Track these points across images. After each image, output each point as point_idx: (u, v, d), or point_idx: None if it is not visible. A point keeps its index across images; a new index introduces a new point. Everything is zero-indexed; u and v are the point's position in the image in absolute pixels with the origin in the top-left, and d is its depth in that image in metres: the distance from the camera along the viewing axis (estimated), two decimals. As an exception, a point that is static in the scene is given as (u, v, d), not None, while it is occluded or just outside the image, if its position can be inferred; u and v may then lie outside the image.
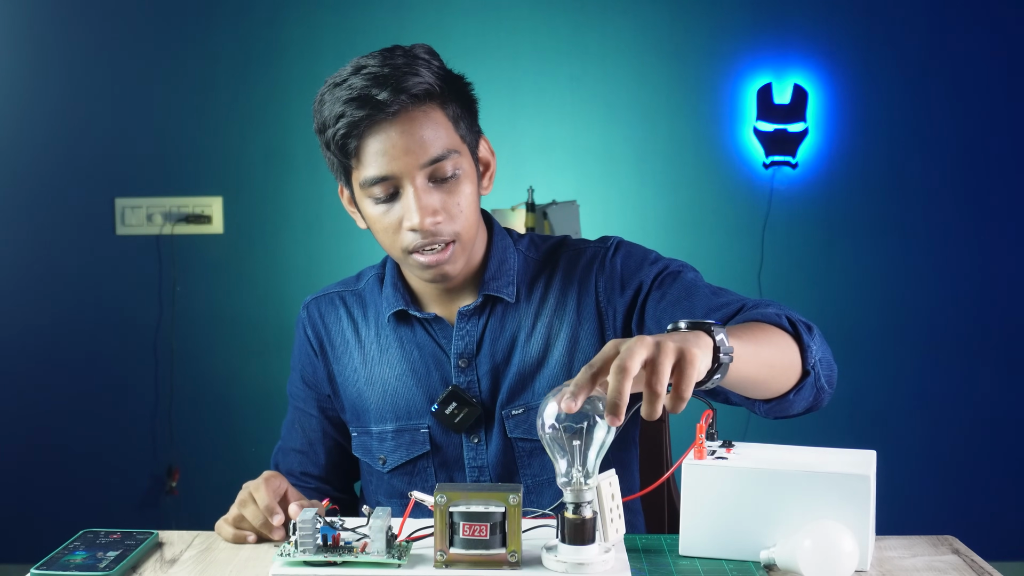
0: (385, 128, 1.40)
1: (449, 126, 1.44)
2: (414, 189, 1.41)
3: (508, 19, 3.39)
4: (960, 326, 3.45)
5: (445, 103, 1.44)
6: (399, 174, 1.41)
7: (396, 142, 1.40)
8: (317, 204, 3.41)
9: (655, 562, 1.23)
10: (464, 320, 1.52)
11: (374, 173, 1.42)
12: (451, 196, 1.43)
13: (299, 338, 1.64)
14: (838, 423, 3.41)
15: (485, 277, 1.52)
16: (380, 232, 1.46)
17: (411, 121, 1.41)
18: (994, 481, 3.46)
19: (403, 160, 1.40)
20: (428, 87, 1.42)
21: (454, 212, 1.43)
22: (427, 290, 1.53)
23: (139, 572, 1.24)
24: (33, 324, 3.41)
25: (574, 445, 1.12)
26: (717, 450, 1.27)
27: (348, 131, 1.41)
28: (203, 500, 3.40)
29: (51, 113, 3.40)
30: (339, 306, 1.61)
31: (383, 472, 1.55)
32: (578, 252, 1.55)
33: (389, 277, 1.57)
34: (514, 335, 1.52)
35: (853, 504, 1.18)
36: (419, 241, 1.42)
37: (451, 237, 1.44)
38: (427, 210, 1.41)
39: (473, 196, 1.47)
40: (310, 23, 3.39)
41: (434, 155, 1.41)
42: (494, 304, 1.52)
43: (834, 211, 3.43)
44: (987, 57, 3.40)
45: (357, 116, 1.40)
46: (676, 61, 3.42)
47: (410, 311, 1.53)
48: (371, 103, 1.39)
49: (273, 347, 3.41)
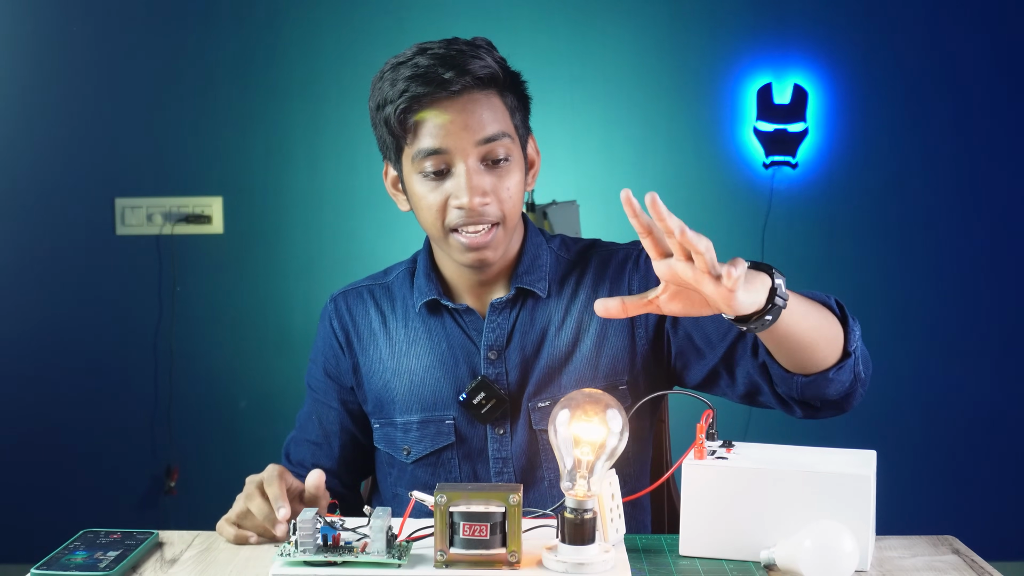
0: (445, 105, 1.44)
1: (506, 114, 1.48)
2: (466, 168, 1.44)
3: (508, 19, 3.39)
4: (960, 326, 3.45)
5: (504, 92, 1.49)
6: (453, 149, 1.44)
7: (455, 118, 1.44)
8: (317, 204, 3.41)
9: (655, 562, 1.23)
10: (496, 312, 1.54)
11: (428, 145, 1.45)
12: (501, 180, 1.46)
13: (324, 330, 1.65)
14: (838, 423, 3.39)
15: (518, 271, 1.55)
16: (424, 210, 1.49)
17: (472, 101, 1.45)
18: (994, 481, 3.46)
19: (459, 136, 1.44)
20: (492, 72, 1.46)
21: (503, 195, 1.46)
22: (461, 281, 1.55)
23: (139, 572, 1.24)
24: (33, 324, 3.41)
25: (584, 452, 1.12)
26: (717, 450, 1.27)
27: (409, 105, 1.44)
28: (203, 500, 3.39)
29: (51, 113, 3.40)
30: (367, 299, 1.63)
31: (406, 463, 1.55)
32: (610, 252, 1.59)
33: (422, 268, 1.59)
34: (544, 328, 1.54)
35: (853, 504, 1.18)
36: (464, 220, 1.45)
37: (496, 219, 1.47)
38: (477, 190, 1.44)
39: (521, 185, 1.50)
40: (310, 23, 3.39)
41: (490, 134, 1.45)
42: (526, 298, 1.55)
43: (834, 211, 3.43)
44: (987, 57, 3.40)
45: (420, 91, 1.43)
46: (676, 61, 3.42)
47: (443, 301, 1.54)
48: (436, 80, 1.43)
49: (273, 347, 3.41)
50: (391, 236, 3.31)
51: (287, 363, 3.39)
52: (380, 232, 3.36)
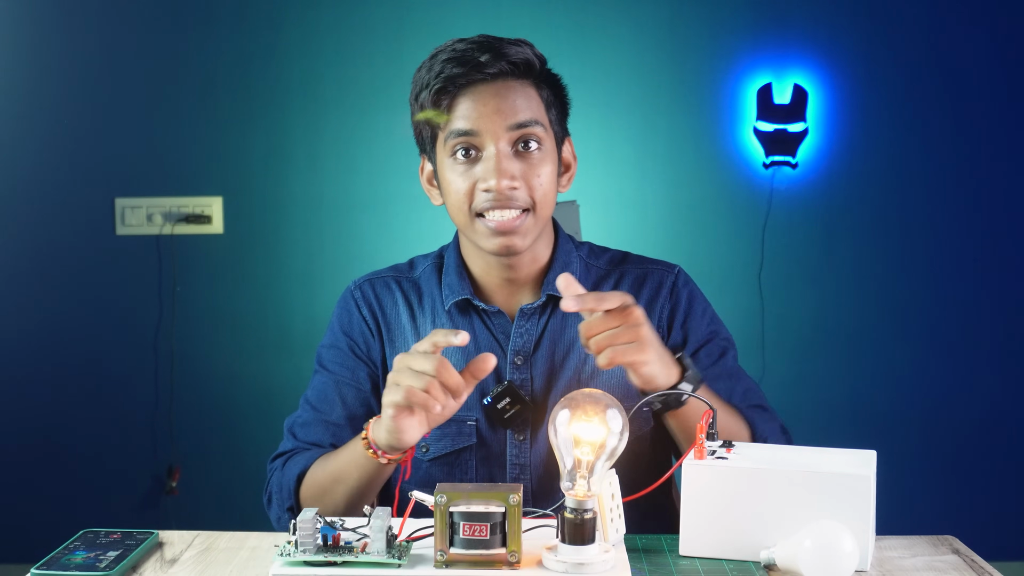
0: (480, 88, 1.46)
1: (540, 105, 1.49)
2: (496, 151, 1.44)
3: (508, 19, 3.39)
4: (960, 326, 3.45)
5: (540, 86, 1.51)
6: (484, 131, 1.45)
7: (488, 101, 1.45)
8: (317, 204, 3.41)
9: (655, 562, 1.23)
10: (524, 318, 1.54)
11: (461, 127, 1.45)
12: (532, 167, 1.46)
13: (349, 315, 1.60)
14: (838, 423, 3.41)
15: (548, 277, 1.54)
16: (453, 195, 1.48)
17: (506, 87, 1.46)
18: (994, 481, 3.46)
19: (491, 119, 1.44)
20: (528, 59, 1.48)
21: (533, 183, 1.46)
22: (490, 280, 1.55)
23: (139, 572, 1.24)
24: (33, 324, 3.41)
25: (584, 452, 1.12)
26: (717, 450, 1.27)
27: (444, 86, 1.46)
28: (203, 500, 3.41)
29: (51, 113, 3.40)
30: (395, 290, 1.60)
31: (422, 459, 1.54)
32: (644, 270, 1.60)
33: (452, 266, 1.57)
34: (573, 338, 1.53)
35: (853, 504, 1.18)
36: (491, 203, 1.44)
37: (525, 205, 1.46)
38: (505, 173, 1.44)
39: (552, 178, 1.50)
40: (310, 23, 3.39)
41: (522, 119, 1.45)
42: (555, 305, 1.53)
43: (834, 211, 3.43)
44: (987, 57, 3.40)
45: (455, 72, 1.45)
46: (676, 61, 3.42)
47: (474, 301, 1.54)
48: (472, 63, 1.45)
49: (273, 347, 3.41)
50: (391, 236, 3.32)
51: (287, 363, 3.39)
52: (380, 232, 3.36)
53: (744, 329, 3.39)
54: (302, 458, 1.50)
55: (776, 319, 3.42)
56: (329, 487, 1.43)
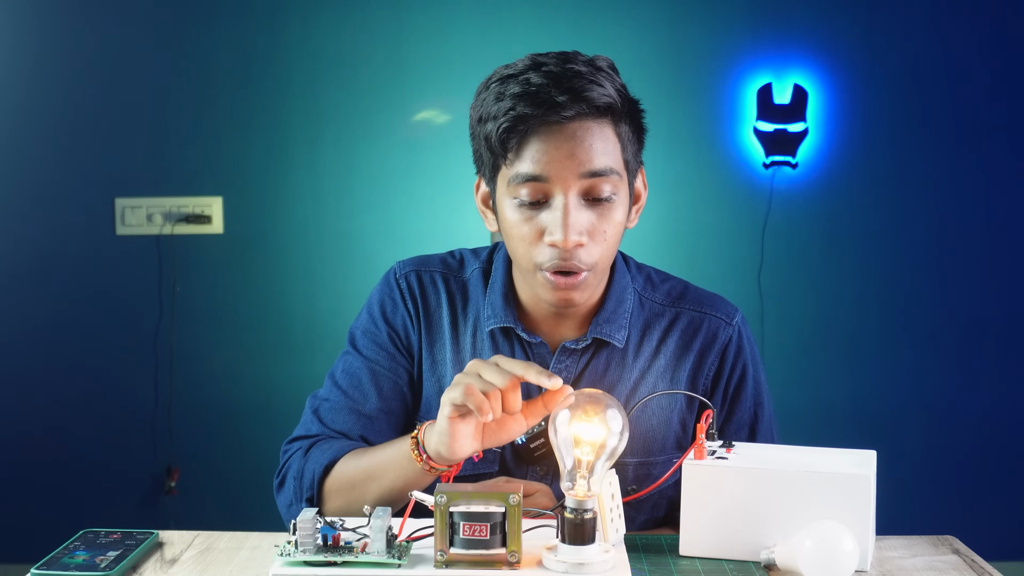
0: (554, 131, 1.32)
1: (618, 146, 1.36)
2: (565, 202, 1.33)
3: (508, 19, 3.39)
4: (960, 326, 3.45)
5: (619, 122, 1.37)
6: (555, 178, 1.33)
7: (561, 146, 1.32)
8: (317, 204, 3.41)
9: (655, 562, 1.23)
10: (566, 355, 1.46)
11: (528, 170, 1.33)
12: (601, 220, 1.35)
13: (395, 303, 1.51)
14: (838, 423, 3.41)
15: (599, 318, 1.45)
16: (515, 239, 1.38)
17: (583, 129, 1.33)
18: (994, 481, 3.46)
19: (564, 164, 1.32)
20: (611, 102, 1.34)
21: (599, 238, 1.36)
22: (537, 310, 1.46)
23: (139, 572, 1.24)
24: (33, 324, 3.41)
25: (584, 452, 1.12)
26: (717, 450, 1.27)
27: (513, 125, 1.32)
28: (203, 500, 3.40)
29: (51, 113, 3.40)
30: (441, 289, 1.51)
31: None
32: (701, 315, 1.50)
33: (499, 285, 1.48)
34: (614, 384, 1.46)
35: (853, 504, 1.18)
36: (555, 261, 1.34)
37: (588, 266, 1.36)
38: (575, 228, 1.33)
39: (621, 226, 1.39)
40: (310, 23, 3.39)
41: (597, 168, 1.33)
42: (600, 346, 1.47)
43: (834, 211, 3.43)
44: (987, 57, 3.40)
45: (527, 112, 1.31)
46: (676, 61, 3.42)
47: (518, 331, 1.46)
48: (548, 103, 1.31)
49: (273, 347, 3.41)
50: (391, 236, 3.31)
51: (287, 363, 3.39)
52: (380, 232, 3.36)
53: (744, 329, 3.39)
54: (330, 447, 1.42)
55: (776, 319, 3.42)
56: (360, 483, 1.36)
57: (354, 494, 1.36)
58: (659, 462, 1.48)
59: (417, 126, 3.38)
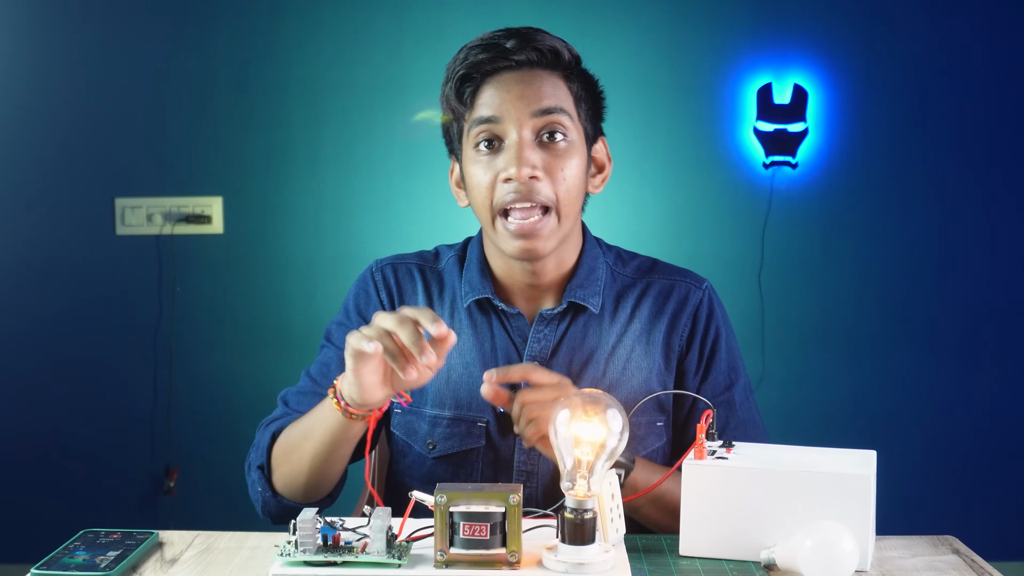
0: (505, 76, 1.41)
1: (569, 97, 1.44)
2: (519, 138, 1.39)
3: (508, 19, 3.36)
4: (960, 326, 3.45)
5: (570, 78, 1.45)
6: (506, 117, 1.39)
7: (512, 88, 1.40)
8: (317, 204, 3.41)
9: (655, 562, 1.23)
10: (543, 323, 1.49)
11: (482, 113, 1.40)
12: (556, 159, 1.41)
13: (368, 296, 1.57)
14: (838, 423, 3.41)
15: (572, 284, 1.49)
16: (475, 189, 1.43)
17: (533, 75, 1.42)
18: (994, 481, 3.46)
19: (515, 104, 1.39)
20: (558, 50, 1.43)
21: (556, 176, 1.40)
22: (512, 281, 1.50)
23: (139, 572, 1.24)
24: (33, 324, 3.41)
25: (584, 452, 1.12)
26: (717, 450, 1.27)
27: (468, 72, 1.41)
28: (203, 500, 3.40)
29: (51, 113, 3.40)
30: (416, 278, 1.56)
31: (427, 456, 1.51)
32: (672, 282, 1.55)
33: (474, 262, 1.53)
34: (593, 349, 1.50)
35: (853, 504, 1.18)
36: (513, 196, 1.38)
37: (548, 201, 1.40)
38: (527, 161, 1.38)
39: (580, 175, 1.44)
40: (310, 23, 3.39)
41: (547, 105, 1.40)
42: (577, 312, 1.50)
43: (834, 211, 3.43)
44: (987, 57, 3.40)
45: (480, 58, 1.41)
46: (676, 61, 3.42)
47: (495, 301, 1.49)
48: (497, 49, 1.41)
49: (273, 347, 3.41)
50: (391, 236, 3.31)
51: (287, 363, 3.38)
52: (380, 232, 3.36)
53: (744, 329, 3.39)
54: (284, 421, 1.49)
55: (776, 319, 3.42)
56: (298, 443, 1.41)
57: (294, 456, 1.42)
58: (642, 423, 1.50)
59: (417, 126, 3.38)
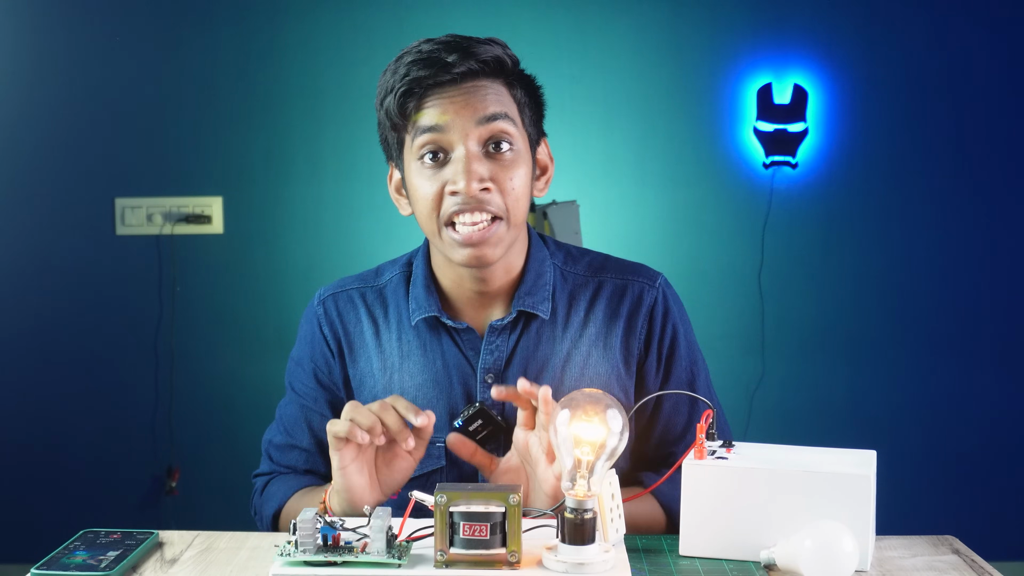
0: (448, 89, 1.37)
1: (513, 104, 1.41)
2: (466, 151, 1.36)
3: (508, 19, 3.39)
4: (960, 326, 3.45)
5: (512, 85, 1.42)
6: (452, 127, 1.37)
7: (456, 98, 1.37)
8: (317, 204, 3.41)
9: (655, 562, 1.23)
10: (495, 334, 1.46)
11: (427, 123, 1.37)
12: (504, 170, 1.38)
13: (312, 334, 1.55)
14: (838, 423, 3.41)
15: (520, 291, 1.46)
16: (421, 201, 1.40)
17: (477, 86, 1.38)
18: (994, 481, 3.46)
19: (460, 113, 1.37)
20: (499, 57, 1.40)
21: (505, 186, 1.38)
22: (460, 294, 1.47)
23: (139, 572, 1.24)
24: (33, 324, 3.41)
25: (584, 452, 1.12)
26: (717, 450, 1.27)
27: (409, 88, 1.37)
28: (203, 500, 3.41)
29: (51, 113, 3.40)
30: (359, 304, 1.53)
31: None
32: (625, 281, 1.51)
33: (420, 278, 1.49)
34: (547, 356, 1.47)
35: (853, 504, 1.18)
36: (460, 207, 1.36)
37: (497, 212, 1.38)
38: (475, 174, 1.36)
39: (527, 181, 1.42)
40: (310, 23, 3.39)
41: (492, 112, 1.37)
42: (528, 320, 1.47)
43: (834, 211, 3.43)
44: (987, 57, 3.40)
45: (421, 74, 1.37)
46: (676, 61, 3.42)
47: (443, 319, 1.46)
48: (438, 63, 1.37)
49: (273, 347, 3.40)
50: (391, 236, 3.31)
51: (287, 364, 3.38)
52: (380, 232, 3.36)
53: (744, 329, 3.39)
54: (278, 489, 1.50)
55: (776, 319, 3.42)
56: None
57: None
58: None
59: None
